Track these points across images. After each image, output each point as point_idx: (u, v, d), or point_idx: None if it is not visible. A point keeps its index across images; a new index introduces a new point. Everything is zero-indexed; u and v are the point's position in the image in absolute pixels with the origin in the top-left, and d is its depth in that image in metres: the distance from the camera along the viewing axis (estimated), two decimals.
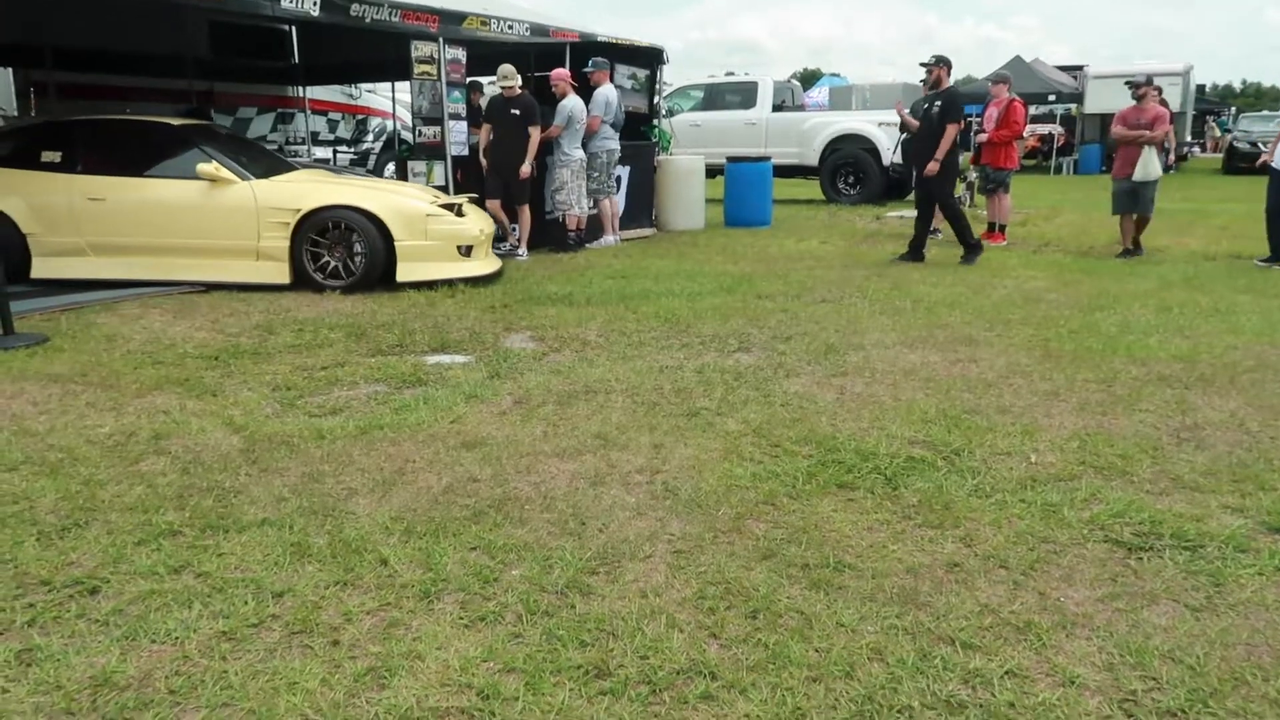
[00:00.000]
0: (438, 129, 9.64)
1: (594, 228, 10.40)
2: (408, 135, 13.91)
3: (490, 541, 2.94)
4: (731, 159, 13.12)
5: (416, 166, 9.41)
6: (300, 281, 7.29)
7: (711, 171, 13.59)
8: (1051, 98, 25.80)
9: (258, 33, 14.14)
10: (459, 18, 9.27)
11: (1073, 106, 26.61)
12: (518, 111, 9.03)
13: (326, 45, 13.81)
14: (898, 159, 12.76)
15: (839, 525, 3.08)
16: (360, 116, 20.26)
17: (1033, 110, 25.08)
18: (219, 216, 7.26)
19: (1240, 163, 24.92)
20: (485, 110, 9.73)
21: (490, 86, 10.32)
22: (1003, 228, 10.61)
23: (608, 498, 3.30)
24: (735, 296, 7.12)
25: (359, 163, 17.02)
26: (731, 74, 19.75)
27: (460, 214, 7.60)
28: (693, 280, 7.85)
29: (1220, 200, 15.99)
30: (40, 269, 7.35)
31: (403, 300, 6.86)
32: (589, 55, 10.38)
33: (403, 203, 7.45)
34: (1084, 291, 7.34)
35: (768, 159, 13.16)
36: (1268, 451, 3.74)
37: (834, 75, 33.48)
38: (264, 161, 8.06)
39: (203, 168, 7.20)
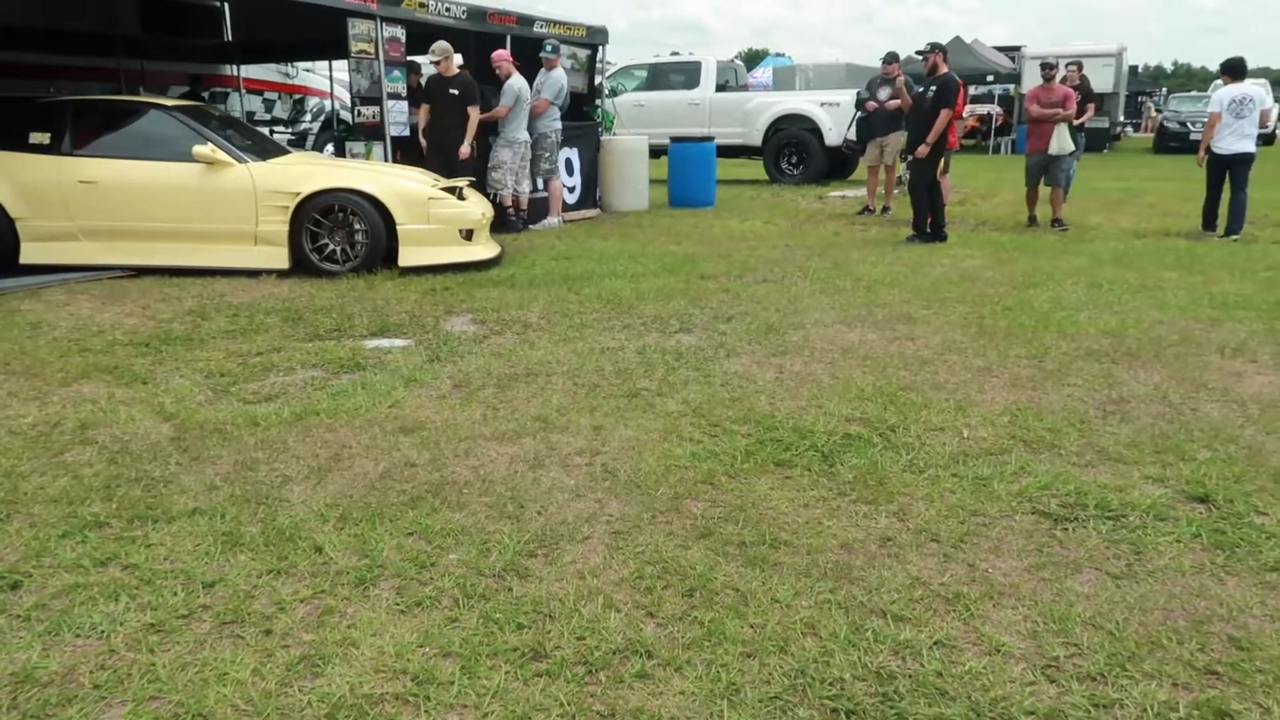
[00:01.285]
0: (376, 109, 9.48)
1: (540, 209, 10.33)
2: (347, 115, 13.64)
3: (427, 526, 2.92)
4: (675, 139, 13.10)
5: (355, 147, 9.25)
6: (299, 266, 7.13)
7: (655, 152, 13.57)
8: (990, 78, 26.18)
9: (189, 9, 13.73)
10: None
11: (1011, 87, 27.02)
12: (456, 91, 8.93)
13: (261, 23, 13.46)
14: (852, 135, 12.81)
15: (776, 503, 3.12)
16: (297, 96, 19.83)
17: (972, 90, 25.47)
18: (216, 200, 7.06)
19: (1170, 142, 25.61)
20: (424, 89, 9.59)
21: (428, 67, 10.18)
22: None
23: (547, 480, 3.30)
24: (678, 277, 7.14)
25: (296, 144, 16.64)
26: (676, 54, 19.71)
27: (461, 197, 7.51)
28: (636, 261, 7.85)
29: (1151, 179, 16.40)
30: (30, 254, 7.09)
31: (341, 284, 6.76)
32: (530, 40, 10.29)
33: (405, 186, 7.35)
34: (1019, 269, 7.50)
35: (711, 139, 13.18)
36: (1188, 423, 3.87)
37: (778, 55, 33.60)
38: (260, 143, 7.86)
39: (199, 150, 6.99)
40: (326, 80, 17.99)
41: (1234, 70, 9.31)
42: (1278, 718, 2.05)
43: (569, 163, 11.22)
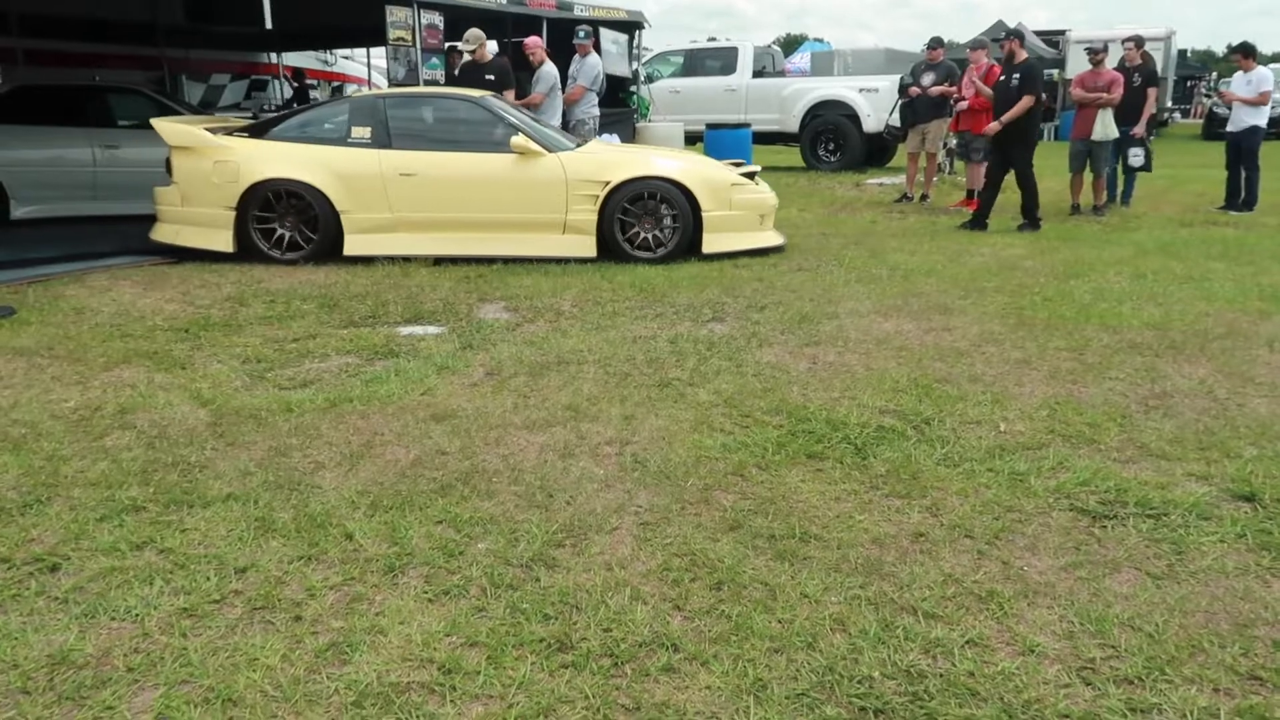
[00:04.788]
0: None
1: None
2: None
3: (457, 515, 2.93)
4: (711, 125, 13.02)
5: None
6: (606, 254, 7.22)
7: (691, 138, 13.50)
8: None
9: None
10: None
11: (1055, 72, 26.52)
12: (492, 77, 8.92)
13: (300, 10, 13.58)
14: (894, 121, 12.63)
15: (807, 496, 3.09)
16: (336, 83, 20.00)
17: None
18: (529, 190, 7.16)
19: (1219, 128, 24.97)
20: (459, 77, 9.61)
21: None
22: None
23: (576, 470, 3.29)
24: (710, 265, 7.09)
25: None
26: (713, 39, 19.56)
27: (756, 184, 7.64)
28: None
29: (1198, 166, 16.01)
30: (352, 246, 7.16)
31: (377, 271, 6.80)
32: (566, 23, 10.26)
33: (709, 172, 7.46)
34: (1060, 259, 7.35)
35: (747, 125, 13.08)
36: (1234, 419, 3.77)
37: (817, 40, 33.26)
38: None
39: (516, 141, 7.11)
40: (364, 68, 18.09)
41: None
42: None
43: None
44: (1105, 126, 9.58)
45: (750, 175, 7.61)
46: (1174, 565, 2.65)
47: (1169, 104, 28.72)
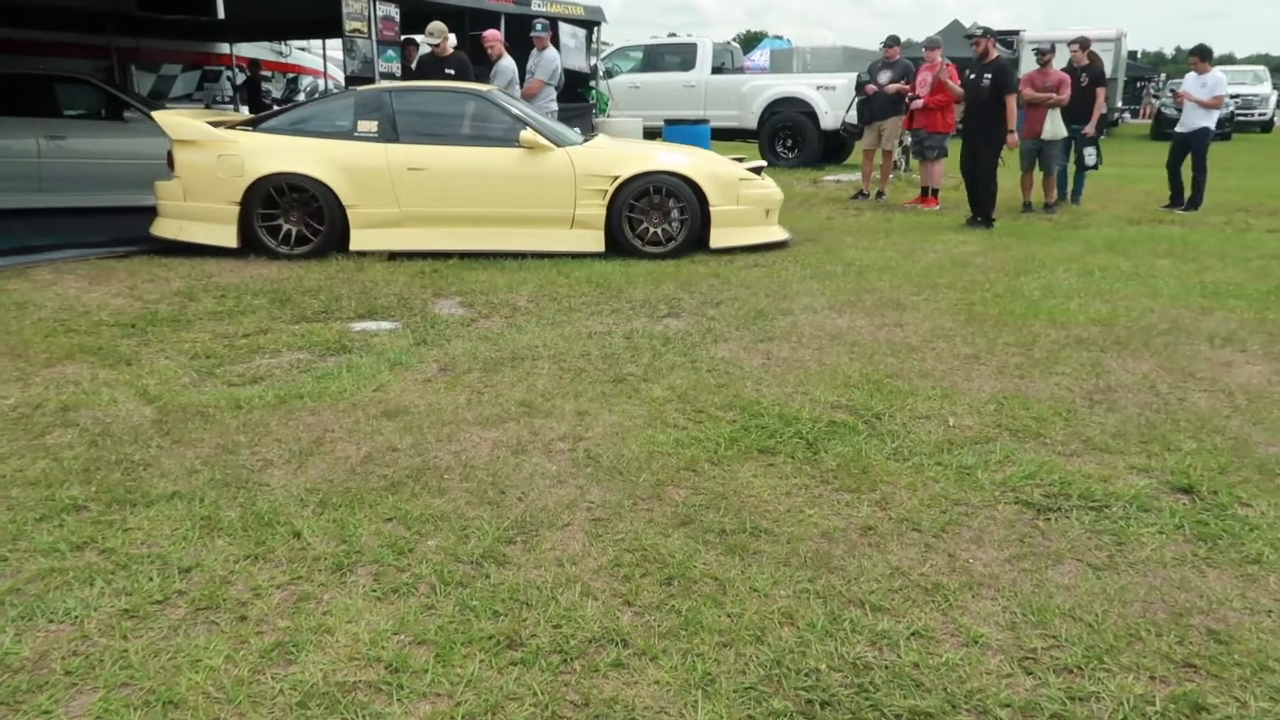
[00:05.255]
0: None
1: None
2: None
3: (407, 512, 2.91)
4: (669, 121, 13.01)
5: None
6: (615, 248, 7.19)
7: (650, 134, 13.48)
8: None
9: None
10: None
11: None
12: (452, 71, 8.85)
13: (254, 0, 13.35)
14: (851, 119, 12.71)
15: (758, 490, 3.11)
16: (291, 75, 19.70)
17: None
18: (537, 184, 7.13)
19: (1166, 128, 25.49)
20: (416, 70, 9.51)
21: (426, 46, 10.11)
22: (935, 192, 10.72)
23: (529, 466, 3.28)
24: (667, 261, 7.09)
25: None
26: (673, 35, 19.55)
27: (763, 179, 7.63)
28: None
29: (1147, 165, 16.33)
30: (358, 241, 7.10)
31: (330, 266, 6.71)
32: (524, 18, 10.20)
33: (717, 167, 7.45)
34: (1011, 255, 7.47)
35: (706, 121, 13.09)
36: (1175, 413, 3.86)
37: (777, 38, 33.41)
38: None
39: (526, 135, 7.05)
40: (320, 59, 17.84)
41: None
42: (1254, 712, 2.05)
43: None
44: (1054, 125, 9.78)
45: (756, 170, 7.67)
46: (1114, 556, 2.71)
47: (1119, 104, 29.25)
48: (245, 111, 14.12)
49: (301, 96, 18.82)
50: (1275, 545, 2.75)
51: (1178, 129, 10.53)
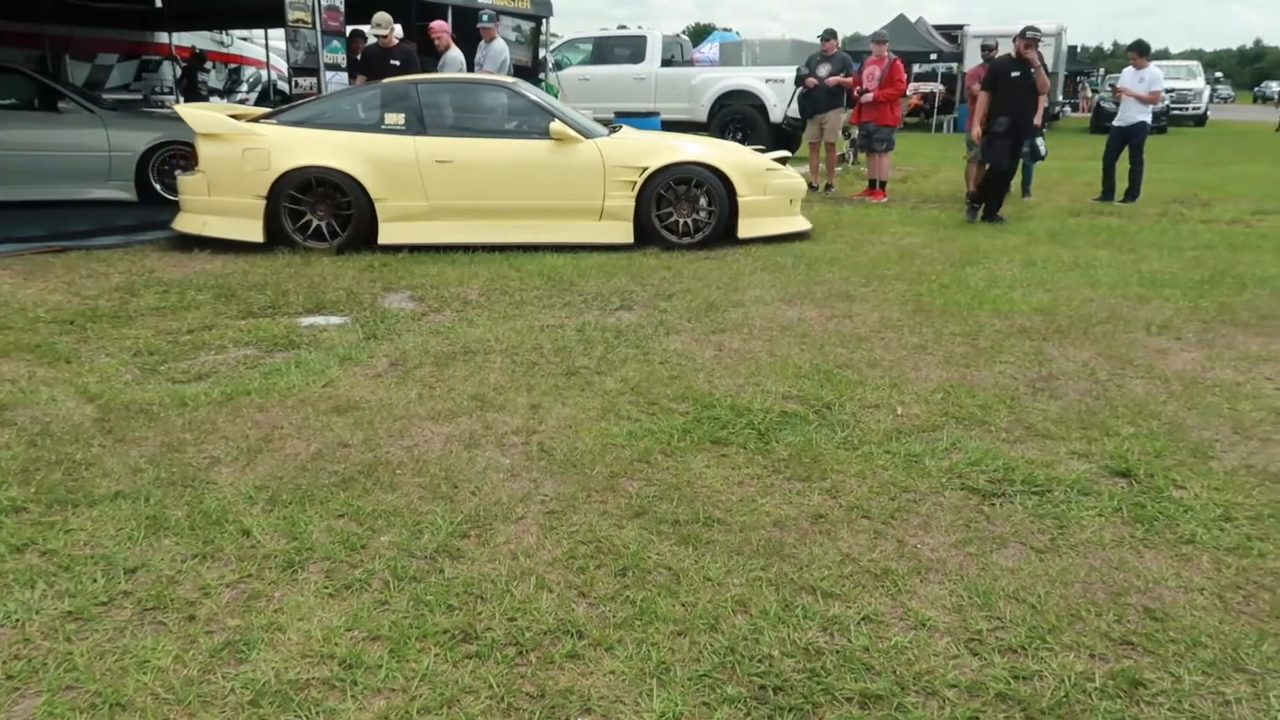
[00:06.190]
0: (314, 80, 9.27)
1: None
2: (285, 86, 13.31)
3: (359, 508, 2.89)
4: (620, 114, 13.01)
5: None
6: (644, 240, 7.20)
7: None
8: (933, 56, 26.43)
9: None
10: None
11: (953, 66, 27.31)
12: (397, 62, 8.76)
13: None
14: (793, 113, 12.81)
15: (711, 481, 3.14)
16: (233, 65, 19.30)
17: (916, 69, 25.67)
18: (566, 176, 7.12)
19: (1106, 122, 26.10)
20: (361, 61, 9.39)
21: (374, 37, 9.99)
22: (883, 184, 10.86)
23: (482, 460, 3.27)
24: (619, 254, 7.10)
25: None
26: (623, 27, 19.52)
27: (787, 169, 7.66)
28: None
29: (1087, 158, 16.71)
30: (387, 234, 7.00)
31: (276, 259, 6.61)
32: (470, 10, 10.12)
33: (744, 157, 7.48)
34: (956, 247, 7.60)
35: (657, 114, 13.12)
36: (1113, 399, 3.97)
37: (726, 30, 33.51)
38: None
39: (555, 127, 7.07)
40: (263, 50, 17.51)
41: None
42: (1188, 686, 2.12)
43: None
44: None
45: (782, 160, 7.76)
46: (1056, 539, 2.78)
47: (1060, 98, 29.86)
48: (182, 102, 13.80)
49: (244, 88, 18.46)
50: (1208, 526, 2.85)
51: (1116, 123, 10.82)
